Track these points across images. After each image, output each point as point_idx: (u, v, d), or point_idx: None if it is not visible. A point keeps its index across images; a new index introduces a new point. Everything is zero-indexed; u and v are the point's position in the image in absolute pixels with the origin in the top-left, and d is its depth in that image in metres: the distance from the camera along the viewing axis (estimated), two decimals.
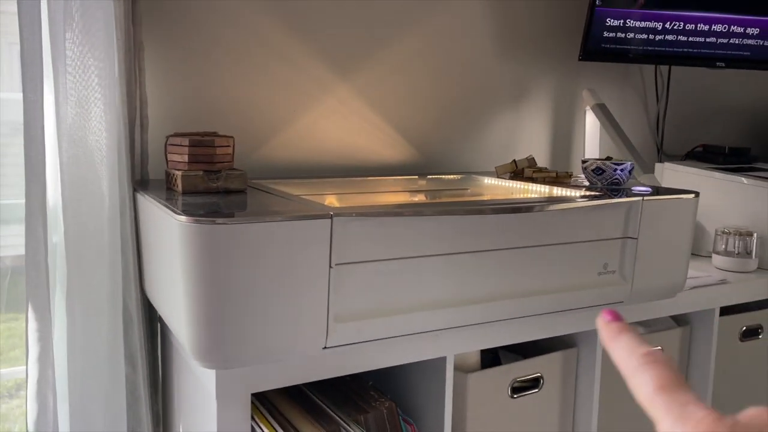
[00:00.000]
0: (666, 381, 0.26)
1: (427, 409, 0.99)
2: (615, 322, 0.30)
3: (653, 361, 0.27)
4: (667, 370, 0.26)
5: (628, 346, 0.28)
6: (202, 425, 0.87)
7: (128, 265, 1.00)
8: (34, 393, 0.95)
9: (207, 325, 0.74)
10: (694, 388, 1.20)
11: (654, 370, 0.26)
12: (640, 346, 0.28)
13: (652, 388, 0.26)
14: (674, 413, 0.24)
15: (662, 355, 0.27)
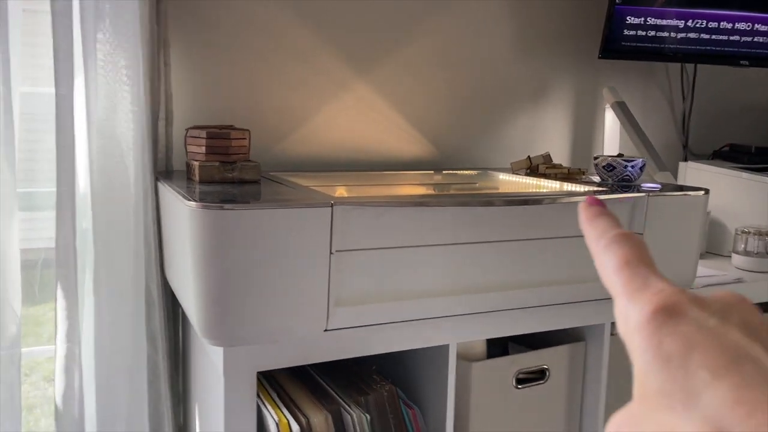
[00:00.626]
0: (631, 257, 0.25)
1: (430, 395, 1.02)
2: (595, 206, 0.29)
3: (622, 239, 0.26)
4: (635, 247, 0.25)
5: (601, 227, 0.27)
6: (214, 401, 0.92)
7: (150, 251, 1.07)
8: (62, 368, 1.02)
9: (213, 304, 0.79)
10: None
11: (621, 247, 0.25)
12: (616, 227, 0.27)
13: (616, 263, 0.25)
14: (634, 286, 0.23)
15: (633, 236, 0.26)
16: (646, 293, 0.22)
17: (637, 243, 0.26)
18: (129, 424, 1.10)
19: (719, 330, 0.21)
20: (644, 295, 0.22)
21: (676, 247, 1.07)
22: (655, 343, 0.21)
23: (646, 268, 0.24)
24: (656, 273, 0.24)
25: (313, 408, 0.85)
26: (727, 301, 0.22)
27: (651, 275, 0.23)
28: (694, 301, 0.22)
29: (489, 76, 1.47)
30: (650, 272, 0.24)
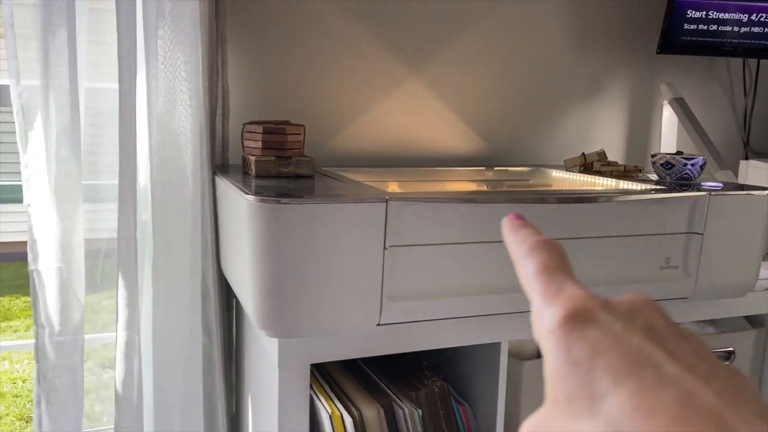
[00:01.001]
0: (549, 262, 0.25)
1: (481, 393, 1.01)
2: (518, 220, 0.29)
3: (542, 246, 0.26)
4: (553, 253, 0.26)
5: (524, 234, 0.28)
6: (267, 392, 0.94)
7: (207, 243, 1.09)
8: (123, 355, 1.05)
9: (270, 296, 0.80)
10: (766, 394, 1.16)
11: (540, 253, 0.26)
12: (537, 235, 0.27)
13: (535, 268, 0.25)
14: (550, 290, 0.24)
15: (552, 242, 0.27)
16: (560, 298, 0.23)
17: (555, 250, 0.26)
18: (184, 413, 1.13)
19: (624, 335, 0.21)
20: (558, 300, 0.23)
21: (737, 248, 1.04)
22: (564, 348, 0.21)
23: (563, 274, 0.25)
24: (572, 279, 0.24)
25: (365, 401, 0.86)
26: (634, 305, 0.23)
27: (566, 281, 0.24)
28: (604, 305, 0.22)
29: (543, 72, 1.45)
30: (566, 278, 0.24)
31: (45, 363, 1.04)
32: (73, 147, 1.03)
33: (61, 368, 1.05)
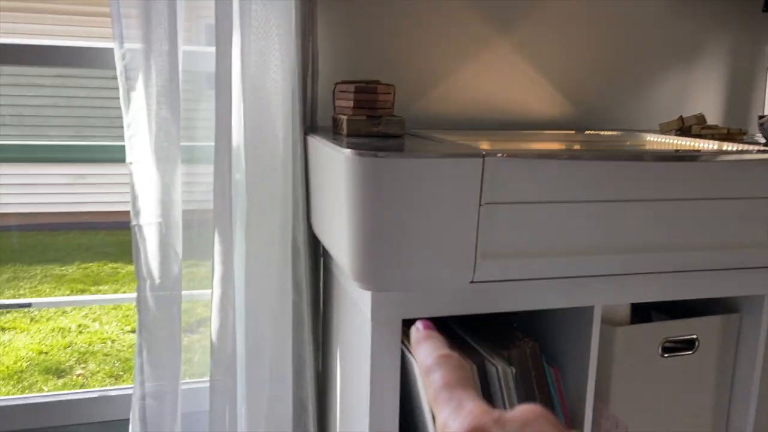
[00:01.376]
0: (451, 379, 0.27)
1: (571, 357, 1.00)
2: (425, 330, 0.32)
3: (444, 362, 0.28)
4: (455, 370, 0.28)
5: (427, 350, 0.30)
6: (358, 347, 0.95)
7: (298, 202, 1.11)
8: (218, 308, 1.09)
9: (365, 249, 0.81)
10: None
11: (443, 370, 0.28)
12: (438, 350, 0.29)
13: (438, 384, 0.27)
14: (451, 406, 0.26)
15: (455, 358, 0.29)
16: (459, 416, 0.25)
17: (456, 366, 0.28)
18: (273, 366, 1.17)
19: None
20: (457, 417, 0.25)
21: None
22: None
23: (463, 390, 0.27)
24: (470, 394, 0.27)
25: None
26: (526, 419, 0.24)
27: (465, 399, 0.26)
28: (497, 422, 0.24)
29: (636, 33, 1.39)
30: (465, 395, 0.27)
31: (146, 314, 1.10)
32: (172, 108, 1.06)
33: (160, 319, 1.10)
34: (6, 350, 3.40)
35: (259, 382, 1.17)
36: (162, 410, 1.13)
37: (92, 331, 3.65)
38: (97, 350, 3.48)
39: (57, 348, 3.45)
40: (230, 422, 1.14)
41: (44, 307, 3.37)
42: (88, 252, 4.79)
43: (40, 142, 1.08)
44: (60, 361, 3.33)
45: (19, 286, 4.02)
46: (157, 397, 1.12)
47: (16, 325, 3.65)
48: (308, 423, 1.19)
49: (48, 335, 3.57)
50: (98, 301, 2.98)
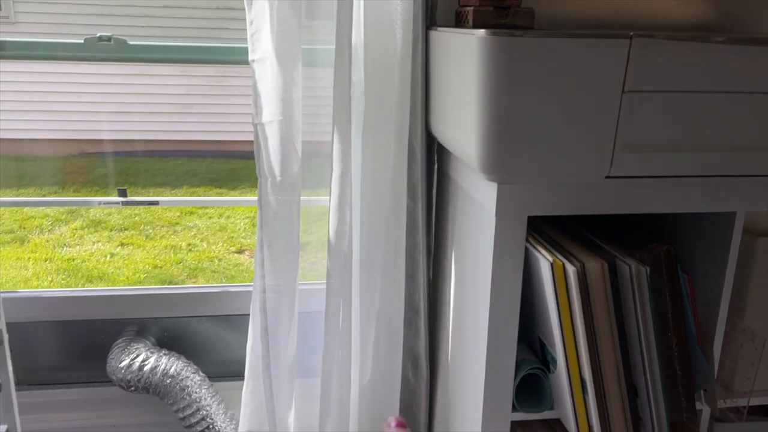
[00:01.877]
0: None
1: (706, 266, 0.94)
2: (397, 427, 0.31)
3: None
4: None
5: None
6: (478, 247, 0.94)
7: (416, 102, 1.09)
8: (336, 207, 1.10)
9: (496, 137, 0.78)
10: None
11: None
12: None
13: None
14: None
15: None
16: None
17: None
18: (386, 270, 1.18)
19: None
20: None
21: None
22: None
23: None
24: None
25: (587, 255, 0.82)
26: None
27: None
28: None
29: None
30: None
31: (267, 210, 1.13)
32: (294, 5, 1.05)
33: (280, 216, 1.13)
34: (126, 263, 3.67)
35: (372, 285, 1.19)
36: (281, 304, 1.17)
37: (201, 250, 3.86)
38: (206, 267, 3.69)
39: (170, 263, 3.69)
40: (344, 321, 1.17)
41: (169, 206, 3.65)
42: (195, 177, 5.02)
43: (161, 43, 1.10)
44: (173, 274, 3.56)
45: None
46: (277, 291, 1.16)
47: (134, 241, 3.92)
48: (420, 325, 1.20)
49: (161, 252, 3.81)
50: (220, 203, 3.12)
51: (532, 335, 0.97)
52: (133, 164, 5.18)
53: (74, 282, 3.45)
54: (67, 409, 1.34)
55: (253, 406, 1.24)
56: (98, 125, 4.90)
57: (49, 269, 3.58)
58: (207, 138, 5.29)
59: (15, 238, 3.87)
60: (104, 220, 4.14)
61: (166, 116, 5.18)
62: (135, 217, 4.20)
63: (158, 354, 1.30)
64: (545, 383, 0.93)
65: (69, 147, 5.13)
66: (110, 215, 4.17)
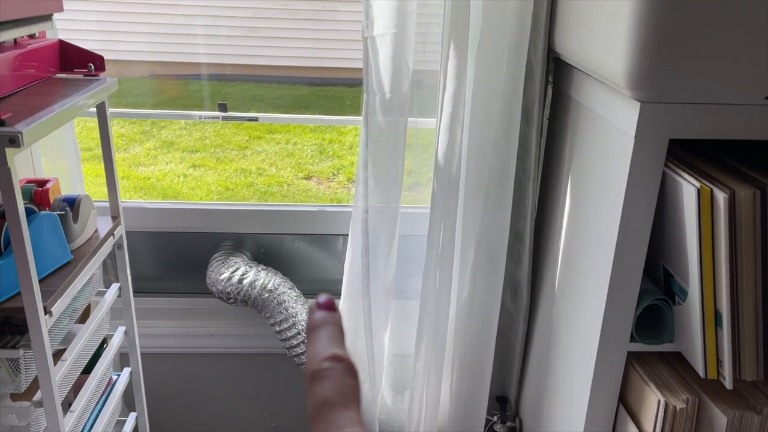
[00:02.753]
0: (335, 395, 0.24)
1: None
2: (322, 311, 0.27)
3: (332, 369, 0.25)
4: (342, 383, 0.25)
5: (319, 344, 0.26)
6: (607, 171, 0.89)
7: (539, 17, 1.02)
8: (446, 126, 1.07)
9: (648, 48, 0.72)
10: None
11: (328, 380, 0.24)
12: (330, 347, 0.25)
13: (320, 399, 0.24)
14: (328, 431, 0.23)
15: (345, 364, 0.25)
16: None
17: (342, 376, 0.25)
18: (491, 196, 1.14)
19: None
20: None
21: None
22: None
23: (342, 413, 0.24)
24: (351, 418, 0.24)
25: (736, 183, 0.77)
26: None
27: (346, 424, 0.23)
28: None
29: None
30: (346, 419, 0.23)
31: (374, 128, 1.10)
32: None
33: (387, 134, 1.10)
34: (198, 184, 3.75)
35: (475, 210, 1.16)
36: (382, 224, 1.16)
37: (270, 175, 3.90)
38: (275, 191, 3.73)
39: (241, 186, 3.75)
40: (444, 245, 1.15)
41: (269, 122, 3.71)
42: (261, 102, 5.04)
43: None
44: (244, 198, 3.62)
45: (204, 128, 4.36)
46: (380, 212, 1.15)
47: (205, 163, 3.99)
48: (523, 253, 1.17)
49: (232, 174, 3.87)
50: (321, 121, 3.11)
51: (656, 264, 0.93)
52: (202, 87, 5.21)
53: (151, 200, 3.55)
54: (169, 317, 1.39)
55: (348, 323, 1.26)
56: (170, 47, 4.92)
57: (126, 186, 3.69)
58: (273, 63, 5.27)
59: (93, 156, 3.99)
60: (176, 142, 4.21)
61: (232, 39, 5.15)
62: (206, 140, 4.25)
63: (257, 268, 1.32)
64: (668, 315, 0.90)
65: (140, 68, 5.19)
66: (181, 137, 4.23)
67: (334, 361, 0.25)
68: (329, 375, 0.25)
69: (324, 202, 3.70)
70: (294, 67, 5.74)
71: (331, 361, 0.25)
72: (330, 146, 4.33)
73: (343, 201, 3.74)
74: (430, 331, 1.20)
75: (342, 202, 3.73)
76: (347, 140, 4.40)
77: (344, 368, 0.25)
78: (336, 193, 3.82)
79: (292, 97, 5.19)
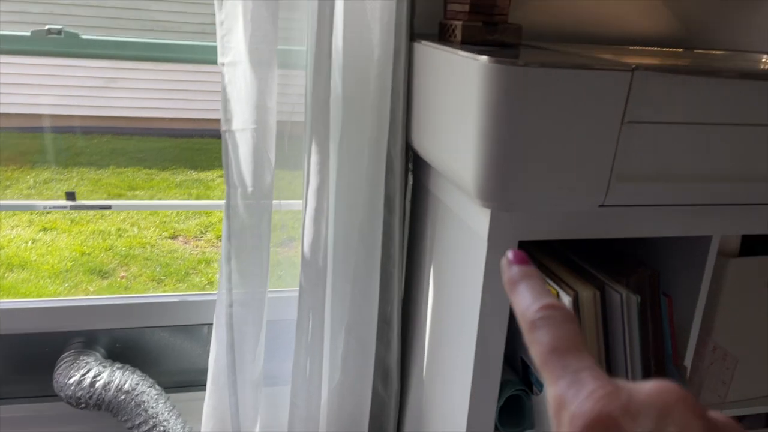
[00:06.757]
0: (562, 342, 0.24)
1: (682, 285, 0.96)
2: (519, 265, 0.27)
3: (551, 318, 0.24)
4: (565, 329, 0.24)
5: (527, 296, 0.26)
6: (464, 268, 0.93)
7: (396, 115, 1.06)
8: (312, 220, 1.06)
9: (495, 165, 0.76)
10: None
11: (550, 328, 0.24)
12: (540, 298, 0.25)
13: (545, 348, 0.24)
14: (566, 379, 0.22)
15: (562, 312, 0.25)
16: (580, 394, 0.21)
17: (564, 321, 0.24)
18: (359, 281, 1.15)
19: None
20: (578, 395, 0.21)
21: None
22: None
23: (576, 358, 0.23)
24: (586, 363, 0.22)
25: (579, 283, 0.83)
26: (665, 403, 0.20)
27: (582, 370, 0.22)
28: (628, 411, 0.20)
29: None
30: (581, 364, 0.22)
31: (236, 221, 1.07)
32: (269, 6, 0.99)
33: (250, 227, 1.08)
34: (50, 249, 3.46)
35: (344, 296, 1.16)
36: (247, 317, 1.12)
37: (132, 236, 3.69)
38: (138, 254, 3.53)
39: (99, 250, 3.51)
40: (314, 332, 1.14)
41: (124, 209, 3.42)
42: (122, 157, 4.79)
43: (121, 38, 1.00)
44: (103, 262, 3.39)
45: (57, 189, 4.05)
46: (244, 305, 1.11)
47: (58, 225, 3.69)
48: (392, 337, 1.18)
49: (89, 237, 3.62)
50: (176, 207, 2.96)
51: (515, 355, 0.97)
52: (55, 141, 4.87)
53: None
54: (10, 427, 1.25)
55: (215, 419, 1.20)
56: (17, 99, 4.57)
57: None
58: (134, 115, 5.03)
59: None
60: None
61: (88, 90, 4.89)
62: None
63: (111, 368, 1.22)
64: (526, 404, 0.94)
65: None
66: (30, 197, 3.91)
67: (550, 310, 0.25)
68: (549, 323, 0.25)
69: (191, 263, 3.54)
70: (157, 119, 5.48)
71: (547, 310, 0.25)
72: None
73: (212, 261, 3.61)
74: (301, 420, 1.17)
75: (211, 262, 3.60)
76: (216, 195, 4.28)
77: (563, 315, 0.25)
78: (204, 253, 3.67)
79: (156, 150, 4.98)
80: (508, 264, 0.28)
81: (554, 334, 0.24)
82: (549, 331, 0.24)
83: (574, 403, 0.21)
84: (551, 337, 0.24)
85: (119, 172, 4.50)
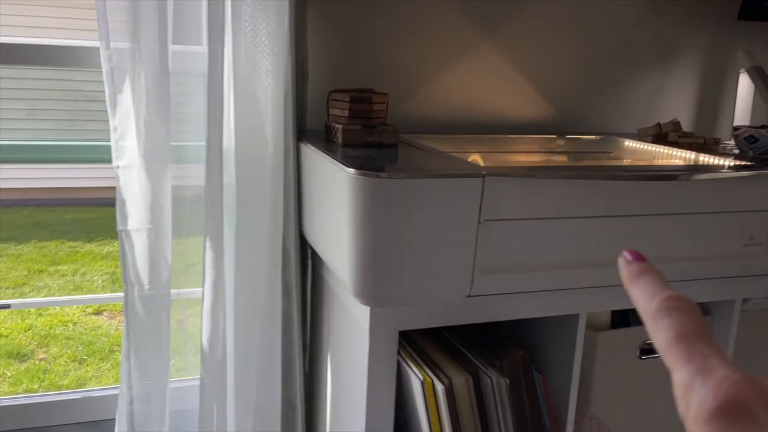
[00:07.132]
0: (688, 330, 0.23)
1: (556, 362, 1.04)
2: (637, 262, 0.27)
3: (676, 307, 0.24)
4: (691, 318, 0.24)
5: (649, 289, 0.26)
6: (353, 356, 0.97)
7: (289, 207, 1.11)
8: (209, 314, 1.09)
9: (367, 267, 0.82)
10: None
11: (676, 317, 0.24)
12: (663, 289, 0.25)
13: (672, 335, 0.23)
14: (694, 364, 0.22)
15: (688, 303, 0.25)
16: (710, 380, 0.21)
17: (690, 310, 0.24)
18: (261, 368, 1.17)
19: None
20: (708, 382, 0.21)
21: None
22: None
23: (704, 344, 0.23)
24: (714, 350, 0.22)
25: (453, 370, 0.89)
26: None
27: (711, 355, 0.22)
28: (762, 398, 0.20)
29: (615, 35, 1.42)
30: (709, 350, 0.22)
31: (134, 319, 1.09)
32: (162, 110, 1.04)
33: (149, 323, 1.10)
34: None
35: (248, 383, 1.18)
36: (150, 412, 1.13)
37: (53, 314, 3.57)
38: (59, 333, 3.41)
39: (17, 331, 3.37)
40: (218, 421, 1.15)
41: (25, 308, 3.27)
42: (45, 230, 4.66)
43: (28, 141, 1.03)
44: (21, 344, 3.26)
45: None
46: (145, 401, 1.12)
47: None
48: (296, 423, 1.20)
49: (7, 317, 3.48)
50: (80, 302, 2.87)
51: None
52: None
53: None
54: None
55: None
56: None
57: None
58: (57, 185, 4.93)
59: None
60: None
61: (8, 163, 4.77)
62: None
63: None
64: None
65: None
66: None
67: (675, 301, 0.25)
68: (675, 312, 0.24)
69: (117, 339, 3.45)
70: (81, 188, 5.34)
71: (673, 300, 0.25)
72: None
73: None
74: None
75: None
76: None
77: (689, 306, 0.24)
78: None
79: (81, 222, 4.85)
80: (626, 262, 0.28)
81: (681, 321, 0.24)
82: (676, 319, 0.24)
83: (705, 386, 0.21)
84: (678, 324, 0.24)
85: (41, 246, 4.37)
